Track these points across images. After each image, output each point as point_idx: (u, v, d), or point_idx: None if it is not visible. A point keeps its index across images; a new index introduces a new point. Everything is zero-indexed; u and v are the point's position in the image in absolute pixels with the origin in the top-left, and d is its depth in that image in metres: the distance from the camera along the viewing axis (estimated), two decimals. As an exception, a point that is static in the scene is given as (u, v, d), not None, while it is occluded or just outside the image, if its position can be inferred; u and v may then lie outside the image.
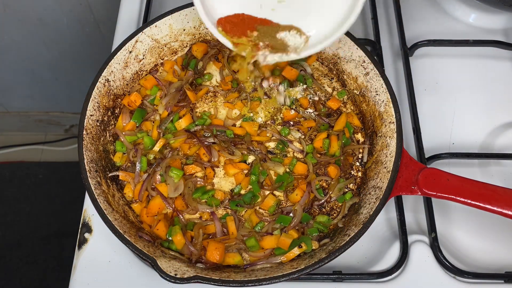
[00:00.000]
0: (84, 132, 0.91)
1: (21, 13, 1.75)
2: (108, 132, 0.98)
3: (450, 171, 0.84)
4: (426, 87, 1.10)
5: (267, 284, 0.77)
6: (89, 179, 0.86)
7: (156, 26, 1.02)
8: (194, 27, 1.06)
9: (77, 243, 0.93)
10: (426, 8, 1.23)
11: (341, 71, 1.04)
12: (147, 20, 1.15)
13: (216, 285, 0.77)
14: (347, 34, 0.98)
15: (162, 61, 1.07)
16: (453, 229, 0.95)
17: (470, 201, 0.80)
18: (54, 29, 1.83)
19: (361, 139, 1.00)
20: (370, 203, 0.86)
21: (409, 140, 1.01)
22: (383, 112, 0.94)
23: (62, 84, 2.18)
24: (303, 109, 1.03)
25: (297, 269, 0.78)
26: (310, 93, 1.04)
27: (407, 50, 1.09)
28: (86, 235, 0.93)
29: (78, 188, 1.09)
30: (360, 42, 0.98)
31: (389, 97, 0.93)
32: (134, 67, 1.03)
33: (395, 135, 0.90)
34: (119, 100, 1.01)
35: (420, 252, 0.90)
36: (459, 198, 0.81)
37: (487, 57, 1.14)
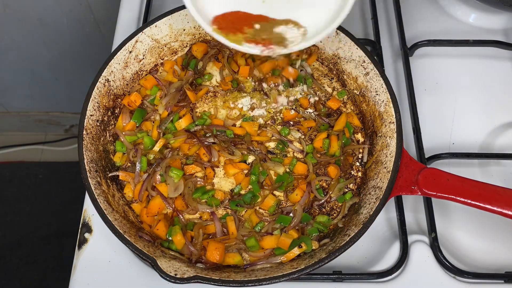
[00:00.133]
0: (84, 132, 0.91)
1: (21, 13, 1.75)
2: (108, 132, 0.98)
3: (450, 171, 0.84)
4: (426, 87, 1.10)
5: (267, 284, 0.77)
6: (89, 179, 0.86)
7: (156, 26, 1.02)
8: (194, 27, 1.06)
9: (77, 243, 0.93)
10: (426, 8, 1.23)
11: (341, 71, 1.04)
12: (147, 20, 1.15)
13: (216, 285, 0.77)
14: (347, 34, 0.98)
15: (162, 61, 1.07)
16: (453, 229, 0.95)
17: (470, 201, 0.80)
18: (54, 29, 1.83)
19: (361, 139, 1.00)
20: (370, 203, 0.86)
21: (409, 140, 1.01)
22: (383, 112, 0.94)
23: (62, 84, 2.18)
24: (303, 109, 1.02)
25: (297, 269, 0.78)
26: (310, 93, 1.04)
27: (407, 50, 1.09)
28: (86, 235, 0.93)
29: (78, 188, 1.09)
30: (360, 42, 0.98)
31: (389, 97, 0.93)
32: (134, 67, 1.03)
33: (395, 135, 0.90)
34: (119, 100, 1.01)
35: (420, 252, 0.90)
36: (459, 198, 0.81)
37: (487, 57, 1.14)
